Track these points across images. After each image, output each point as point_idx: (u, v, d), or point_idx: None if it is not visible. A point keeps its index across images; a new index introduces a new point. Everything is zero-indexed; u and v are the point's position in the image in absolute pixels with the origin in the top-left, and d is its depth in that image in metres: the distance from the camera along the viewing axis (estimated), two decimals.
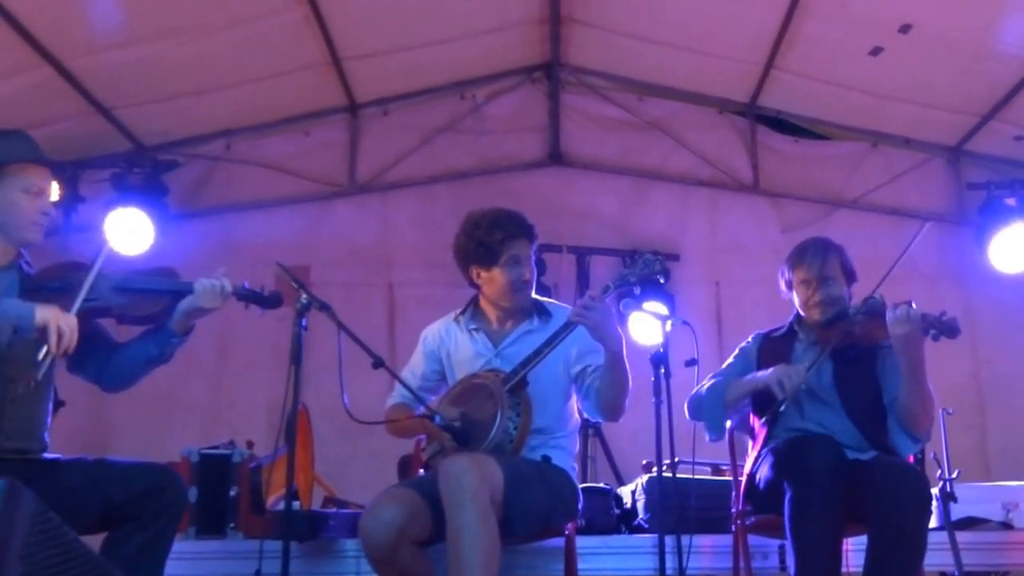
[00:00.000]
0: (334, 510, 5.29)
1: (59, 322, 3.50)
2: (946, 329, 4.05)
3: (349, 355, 4.16)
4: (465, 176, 8.13)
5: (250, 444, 5.48)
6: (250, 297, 4.14)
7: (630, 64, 7.86)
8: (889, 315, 4.09)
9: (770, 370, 4.34)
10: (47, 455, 3.80)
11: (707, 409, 4.55)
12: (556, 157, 8.13)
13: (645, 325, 5.26)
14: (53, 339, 3.48)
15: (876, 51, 6.66)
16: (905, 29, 6.34)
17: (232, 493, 5.13)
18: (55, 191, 4.02)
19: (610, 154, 8.21)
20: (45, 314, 3.49)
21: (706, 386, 4.61)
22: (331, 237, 8.03)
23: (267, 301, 4.17)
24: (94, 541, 3.69)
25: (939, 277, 7.49)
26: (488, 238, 4.47)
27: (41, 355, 3.52)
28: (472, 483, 3.73)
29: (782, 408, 4.26)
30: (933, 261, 7.51)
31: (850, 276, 4.63)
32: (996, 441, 7.48)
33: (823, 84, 7.36)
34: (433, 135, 8.04)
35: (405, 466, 5.90)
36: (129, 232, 7.04)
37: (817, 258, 4.59)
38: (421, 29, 7.02)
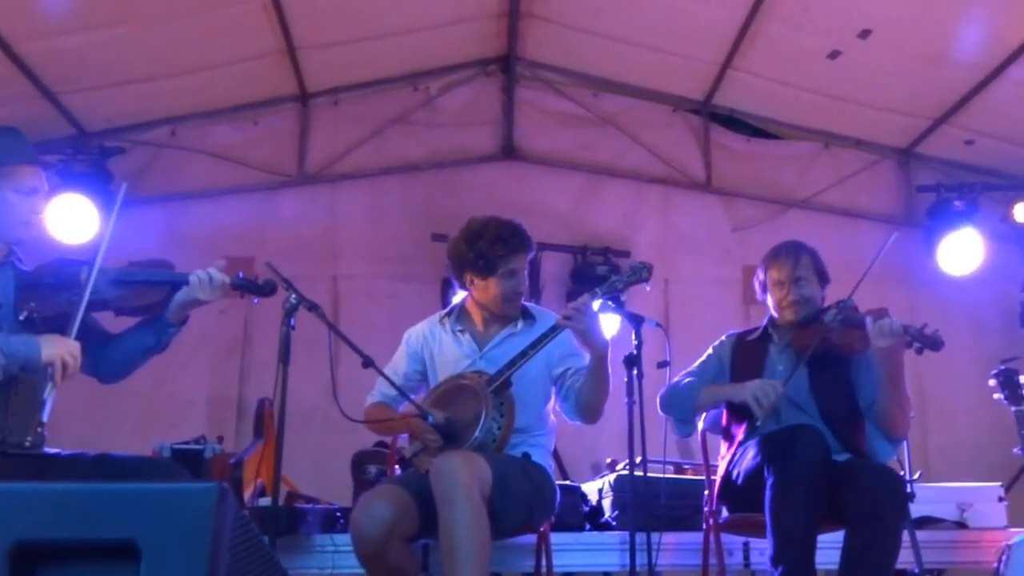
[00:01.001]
0: (310, 506, 5.52)
1: (64, 356, 3.70)
2: (929, 342, 4.33)
3: (300, 348, 4.42)
4: (416, 168, 8.31)
5: (220, 439, 5.71)
6: (246, 287, 4.31)
7: (586, 59, 8.13)
8: (871, 327, 4.35)
9: (748, 385, 4.58)
10: (48, 450, 3.95)
11: (678, 407, 4.83)
12: (509, 151, 8.36)
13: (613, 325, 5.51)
14: (59, 374, 3.69)
15: (834, 54, 7.02)
16: (865, 34, 6.71)
17: None
18: (45, 190, 4.20)
19: (563, 149, 8.45)
20: (50, 351, 3.69)
21: (680, 381, 4.88)
22: (277, 228, 8.15)
23: (262, 289, 4.31)
24: None
25: (887, 278, 7.74)
26: (490, 251, 4.66)
27: (46, 393, 3.71)
28: (464, 480, 3.98)
29: (758, 424, 4.52)
30: (880, 262, 7.86)
31: (822, 278, 4.90)
32: (936, 440, 7.85)
33: (779, 84, 7.69)
34: (384, 126, 8.22)
35: (360, 461, 6.18)
36: (73, 219, 7.15)
37: (790, 258, 4.85)
38: (379, 20, 7.24)
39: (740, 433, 4.70)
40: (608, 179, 8.49)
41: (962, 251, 7.68)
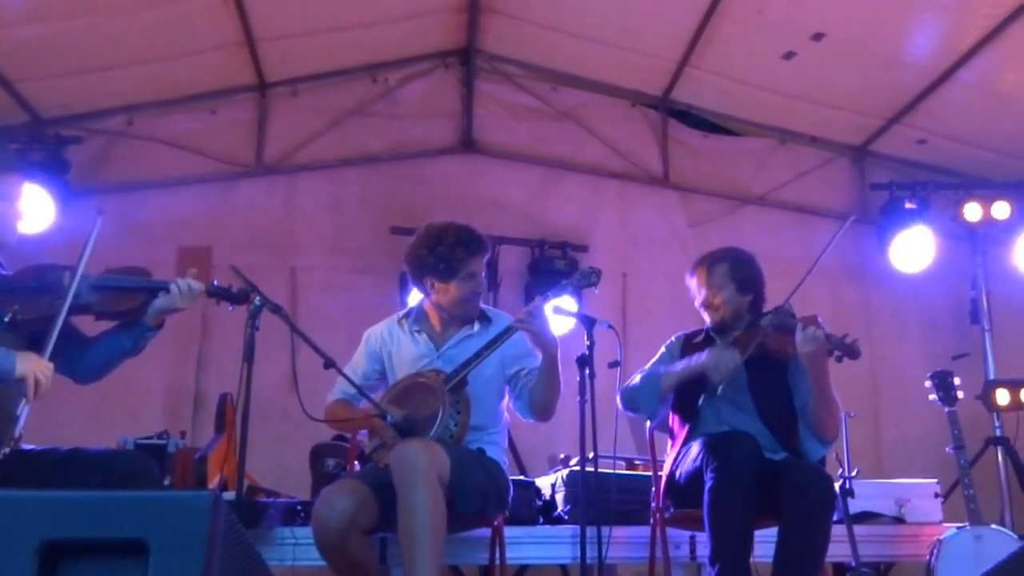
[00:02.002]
0: (271, 499, 5.90)
1: (37, 373, 4.00)
2: (848, 351, 4.75)
3: (258, 342, 4.59)
4: (375, 160, 8.67)
5: (183, 434, 6.12)
6: (220, 294, 4.64)
7: (545, 53, 8.55)
8: (798, 334, 4.80)
9: (706, 354, 5.08)
10: (24, 446, 4.26)
11: (643, 396, 5.25)
12: (468, 144, 8.74)
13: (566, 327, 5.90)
14: (31, 391, 3.98)
15: (789, 55, 7.51)
16: (818, 37, 7.20)
17: (165, 483, 5.64)
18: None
19: (522, 143, 8.85)
20: (24, 367, 3.98)
21: (636, 379, 5.32)
22: (235, 218, 8.45)
23: (236, 298, 4.62)
24: None
25: (840, 274, 8.31)
26: (451, 255, 5.02)
27: (20, 409, 4.01)
28: (423, 465, 4.35)
29: (719, 391, 5.01)
30: (834, 259, 8.22)
31: (742, 285, 5.32)
32: (889, 434, 8.39)
33: (735, 83, 8.17)
34: (343, 117, 8.57)
35: (318, 455, 6.59)
36: (28, 208, 7.46)
37: (705, 267, 5.36)
38: (339, 12, 7.61)
39: (684, 432, 5.16)
40: (566, 173, 8.89)
41: (914, 248, 8.16)
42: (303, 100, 8.60)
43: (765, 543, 4.77)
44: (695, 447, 4.87)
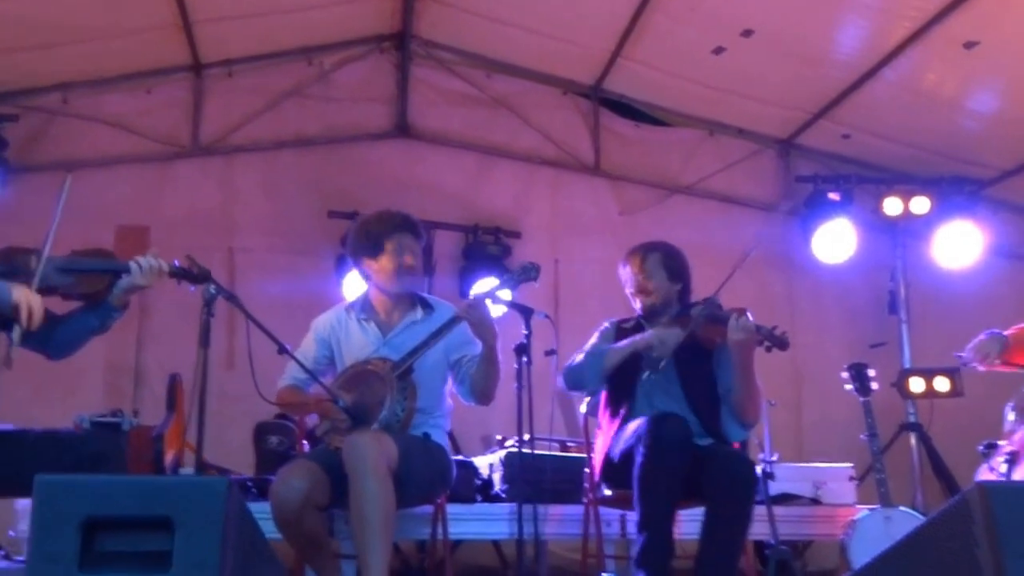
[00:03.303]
0: (225, 477, 6.36)
1: (29, 301, 4.38)
2: (777, 342, 5.30)
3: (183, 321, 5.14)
4: (311, 143, 9.14)
5: (136, 413, 6.57)
6: (181, 274, 4.98)
7: (480, 41, 9.09)
8: (730, 323, 5.35)
9: (648, 332, 5.64)
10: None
11: (589, 372, 5.73)
12: (403, 129, 9.24)
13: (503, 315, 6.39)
14: (24, 316, 4.35)
15: (719, 50, 8.14)
16: (747, 33, 7.83)
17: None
18: None
19: (457, 129, 9.36)
20: (18, 294, 4.37)
21: (579, 358, 5.81)
22: (172, 198, 8.84)
23: (196, 278, 4.96)
24: None
25: (765, 264, 8.90)
26: (375, 231, 5.58)
27: (15, 334, 4.37)
28: (373, 456, 4.84)
29: (662, 365, 5.49)
30: (760, 249, 8.89)
31: (673, 274, 5.86)
32: (809, 416, 9.07)
33: (666, 75, 8.80)
34: (279, 99, 9.02)
35: (262, 432, 7.12)
36: None
37: (639, 254, 5.90)
38: None
39: (619, 416, 5.72)
40: (500, 160, 9.44)
41: (837, 240, 8.85)
42: (239, 81, 9.00)
43: (692, 522, 5.36)
44: (630, 427, 5.41)
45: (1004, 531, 2.82)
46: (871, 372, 6.50)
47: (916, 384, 8.28)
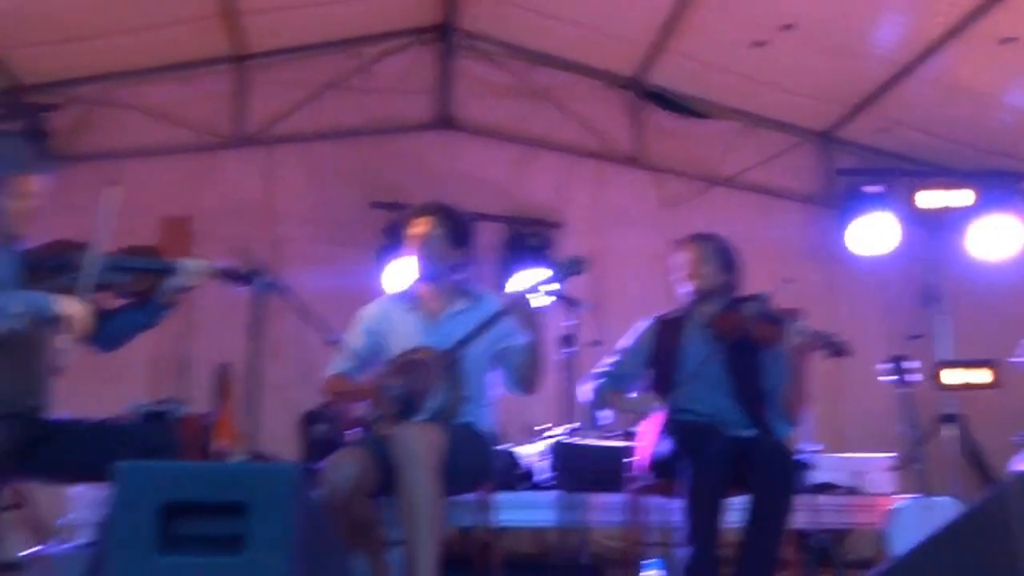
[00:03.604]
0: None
1: (74, 311, 4.47)
2: (837, 349, 5.50)
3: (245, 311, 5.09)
4: (354, 134, 9.29)
5: (186, 401, 6.73)
6: (229, 275, 5.10)
7: (522, 32, 9.23)
8: (789, 328, 5.50)
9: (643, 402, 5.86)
10: (53, 416, 4.82)
11: (593, 411, 5.97)
12: (445, 120, 9.39)
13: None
14: (73, 328, 4.46)
15: (759, 43, 8.26)
16: (788, 27, 7.95)
17: None
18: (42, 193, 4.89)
19: (499, 120, 9.51)
20: (62, 305, 4.45)
21: (591, 388, 5.97)
22: (214, 189, 9.00)
23: (244, 279, 5.08)
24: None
25: (805, 256, 9.03)
26: (405, 224, 5.84)
27: (62, 343, 4.50)
28: (423, 447, 4.96)
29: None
30: (799, 240, 9.05)
31: (726, 264, 6.00)
32: (847, 407, 9.14)
33: (707, 67, 8.92)
34: (321, 91, 9.16)
35: (308, 420, 7.26)
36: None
37: (694, 241, 6.04)
38: None
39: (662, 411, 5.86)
40: (542, 151, 9.58)
41: (875, 232, 8.98)
42: (281, 72, 9.15)
43: (735, 510, 5.38)
44: (672, 431, 5.55)
45: None
46: (911, 364, 6.60)
47: (953, 376, 8.39)
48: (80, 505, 6.13)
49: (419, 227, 5.73)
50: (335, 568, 3.58)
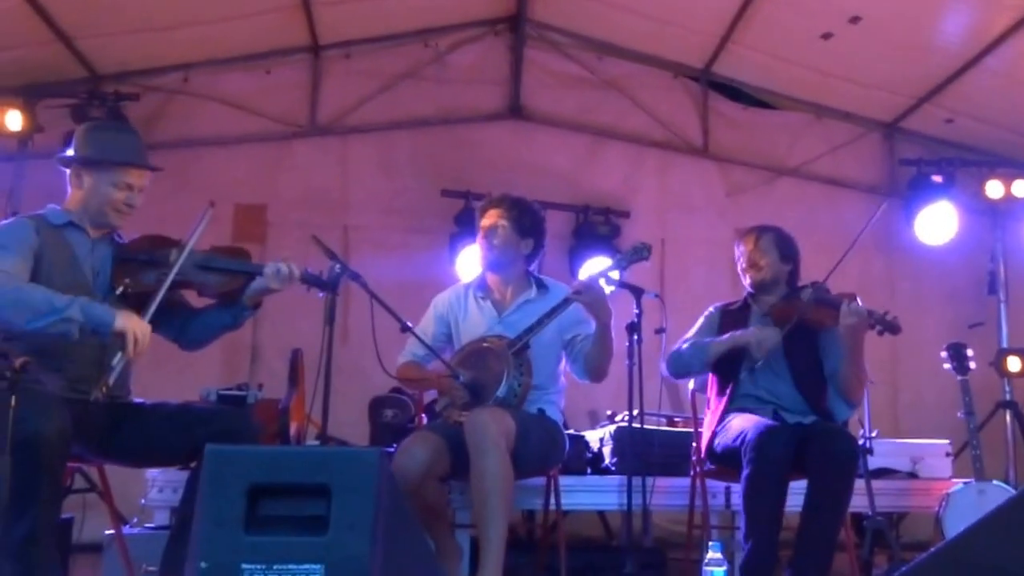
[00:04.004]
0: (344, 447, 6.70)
1: (135, 329, 4.55)
2: (889, 327, 5.64)
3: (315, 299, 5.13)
4: (425, 124, 9.48)
5: (260, 386, 6.95)
6: (312, 281, 5.13)
7: (592, 23, 9.37)
8: (843, 308, 5.64)
9: (750, 330, 5.93)
10: (135, 400, 5.02)
11: (693, 365, 6.05)
12: (515, 110, 9.57)
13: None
14: (131, 347, 4.53)
15: (827, 36, 8.36)
16: (855, 20, 8.05)
17: None
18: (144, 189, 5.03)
19: (568, 110, 9.67)
20: (123, 322, 4.46)
21: (685, 346, 6.13)
22: (289, 177, 9.23)
23: (326, 285, 5.08)
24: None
25: (867, 245, 9.02)
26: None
27: (115, 360, 4.48)
28: (493, 433, 5.13)
29: (758, 365, 5.85)
30: (871, 227, 9.09)
31: (785, 255, 6.17)
32: (906, 395, 9.33)
33: (774, 59, 9.04)
34: (394, 81, 9.35)
35: (377, 406, 7.48)
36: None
37: (755, 233, 6.22)
38: None
39: (725, 396, 6.01)
40: (610, 141, 9.73)
41: (938, 222, 9.13)
42: (356, 63, 9.35)
43: (796, 494, 5.59)
44: (734, 424, 5.73)
45: None
46: (969, 352, 6.73)
47: (1013, 363, 8.66)
48: (158, 487, 6.33)
49: (487, 219, 5.91)
50: (413, 550, 3.75)
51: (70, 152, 4.92)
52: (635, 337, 5.71)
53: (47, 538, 4.21)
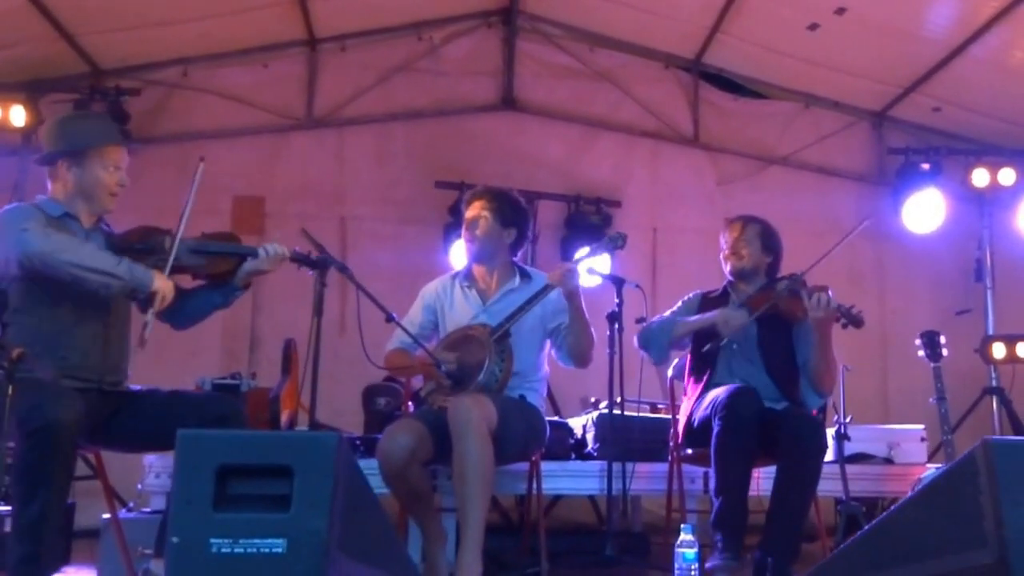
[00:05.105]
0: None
1: (164, 288, 4.87)
2: (853, 320, 5.83)
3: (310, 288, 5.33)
4: (421, 116, 9.70)
5: (253, 375, 7.16)
6: (302, 260, 5.39)
7: (584, 15, 9.57)
8: (811, 301, 5.82)
9: (717, 311, 6.12)
10: (131, 387, 5.23)
11: (654, 339, 6.26)
12: (509, 102, 9.78)
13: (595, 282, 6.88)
14: (159, 303, 4.85)
15: (813, 26, 8.56)
16: (840, 11, 8.23)
17: None
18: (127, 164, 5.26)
19: (560, 101, 9.88)
20: (159, 282, 4.85)
21: (656, 321, 6.36)
22: (286, 169, 9.47)
23: (315, 264, 5.36)
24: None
25: (856, 234, 9.22)
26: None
27: (149, 316, 4.87)
28: (475, 418, 5.29)
29: (722, 343, 6.01)
30: (852, 218, 9.23)
31: (767, 245, 6.35)
32: (895, 382, 9.50)
33: (763, 49, 9.25)
34: (390, 74, 9.58)
35: (370, 394, 7.68)
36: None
37: (740, 222, 6.42)
38: None
39: (701, 382, 6.22)
40: (601, 131, 9.95)
41: (926, 209, 9.31)
42: (351, 56, 9.56)
43: (767, 479, 5.85)
44: (708, 397, 5.92)
45: (1004, 482, 3.27)
46: (942, 339, 6.92)
47: (999, 350, 8.87)
48: (155, 472, 6.51)
49: (470, 211, 6.11)
50: (372, 525, 3.98)
51: (49, 150, 5.10)
52: (615, 326, 5.93)
53: (55, 521, 4.43)
